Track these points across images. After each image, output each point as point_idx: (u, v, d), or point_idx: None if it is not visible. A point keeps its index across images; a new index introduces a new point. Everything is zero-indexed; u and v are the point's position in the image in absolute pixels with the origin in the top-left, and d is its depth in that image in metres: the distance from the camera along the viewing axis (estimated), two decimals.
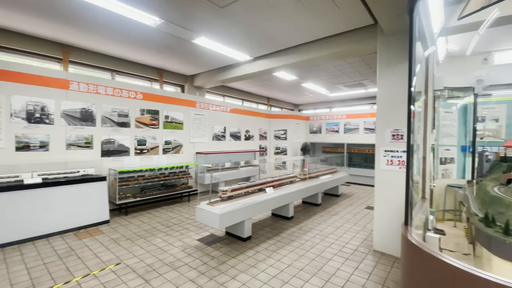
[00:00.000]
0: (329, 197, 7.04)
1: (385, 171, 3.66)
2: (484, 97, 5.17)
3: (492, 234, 1.96)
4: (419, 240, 1.98)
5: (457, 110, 5.56)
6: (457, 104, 5.49)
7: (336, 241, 4.05)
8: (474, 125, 5.11)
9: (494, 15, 2.69)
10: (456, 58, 5.40)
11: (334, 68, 7.11)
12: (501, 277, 1.40)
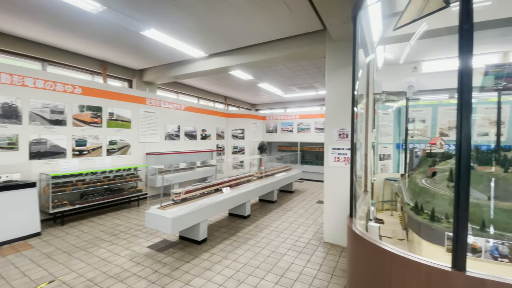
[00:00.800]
0: (284, 194, 7.29)
1: (333, 167, 3.92)
2: (414, 101, 5.94)
3: (421, 221, 2.25)
4: (362, 230, 2.16)
5: (392, 112, 6.28)
6: (392, 106, 6.20)
7: (290, 236, 4.20)
8: (406, 126, 5.85)
9: (423, 29, 3.08)
10: (392, 65, 6.09)
11: (288, 70, 7.37)
12: (427, 258, 1.61)
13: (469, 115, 1.49)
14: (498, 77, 4.29)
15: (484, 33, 4.28)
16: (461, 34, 1.54)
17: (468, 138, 1.48)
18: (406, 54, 5.08)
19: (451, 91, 6.48)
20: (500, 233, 1.96)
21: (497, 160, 2.89)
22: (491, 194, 2.49)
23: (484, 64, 4.63)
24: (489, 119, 5.34)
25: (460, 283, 1.45)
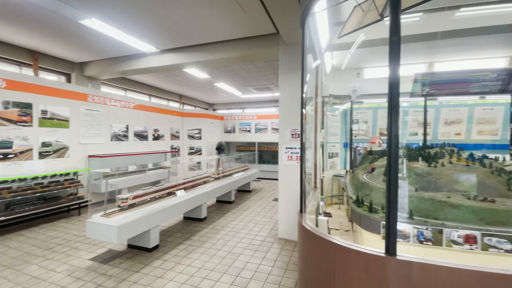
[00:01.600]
0: (242, 194, 7.33)
1: (286, 166, 4.08)
2: (358, 104, 6.53)
3: (361, 212, 2.47)
4: (311, 224, 2.28)
5: (339, 114, 6.81)
6: (339, 109, 6.72)
7: (246, 235, 4.23)
8: (351, 126, 6.41)
9: (361, 39, 3.40)
10: (339, 71, 6.59)
11: (244, 71, 7.43)
12: (365, 246, 1.77)
13: (397, 117, 1.69)
14: (424, 84, 4.96)
15: (413, 45, 4.92)
16: (391, 45, 1.74)
17: (396, 137, 1.68)
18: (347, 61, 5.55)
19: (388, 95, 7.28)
20: (425, 220, 2.27)
21: (423, 156, 3.35)
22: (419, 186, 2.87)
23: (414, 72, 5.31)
24: (418, 120, 6.15)
25: (392, 266, 1.64)
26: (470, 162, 2.85)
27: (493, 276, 1.47)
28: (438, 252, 2.07)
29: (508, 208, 2.11)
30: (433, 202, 2.34)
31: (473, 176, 2.68)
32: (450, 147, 3.36)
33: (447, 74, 5.28)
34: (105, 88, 8.13)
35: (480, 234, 1.97)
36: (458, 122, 6.43)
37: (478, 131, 6.26)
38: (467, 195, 2.36)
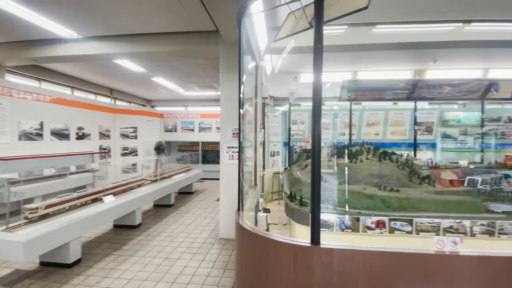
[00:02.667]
0: (184, 196, 7.03)
1: (228, 165, 4.07)
2: (296, 106, 6.98)
3: (293, 206, 2.63)
4: (247, 221, 2.31)
5: (280, 115, 7.17)
6: (279, 110, 7.07)
7: (185, 239, 4.07)
8: (289, 127, 6.82)
9: (292, 45, 3.62)
10: (278, 73, 6.92)
11: (185, 67, 7.13)
12: (293, 238, 1.89)
13: (320, 118, 1.84)
14: (350, 90, 5.58)
15: (341, 54, 5.51)
16: (315, 51, 1.89)
17: (319, 136, 1.83)
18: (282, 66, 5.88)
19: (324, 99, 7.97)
20: (345, 210, 2.56)
21: (347, 154, 3.76)
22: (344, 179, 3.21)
23: (342, 79, 5.92)
24: (344, 122, 6.90)
25: (317, 254, 1.78)
26: (382, 158, 3.34)
27: (396, 255, 1.75)
28: (357, 237, 2.36)
29: (408, 196, 2.55)
30: (352, 194, 2.65)
31: (383, 169, 3.14)
32: (368, 145, 3.88)
33: (368, 82, 6.09)
34: (12, 77, 6.73)
35: (387, 219, 2.32)
36: (377, 124, 7.48)
37: (392, 131, 7.41)
38: (378, 186, 2.76)
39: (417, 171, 2.99)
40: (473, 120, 6.96)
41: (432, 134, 7.12)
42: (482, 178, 2.85)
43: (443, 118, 7.15)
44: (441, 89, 5.87)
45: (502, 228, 2.20)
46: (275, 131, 7.21)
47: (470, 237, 2.21)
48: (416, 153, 6.42)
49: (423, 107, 7.35)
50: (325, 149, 4.49)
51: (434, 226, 2.22)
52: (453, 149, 7.02)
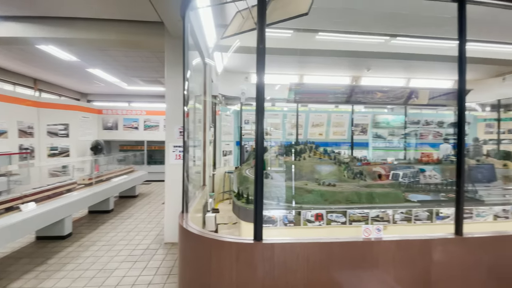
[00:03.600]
0: (125, 200, 6.45)
1: (174, 165, 3.87)
2: (247, 105, 7.05)
3: (240, 205, 2.64)
4: (191, 223, 2.23)
5: (232, 114, 7.15)
6: (230, 109, 7.05)
7: (126, 247, 3.73)
8: (241, 126, 6.85)
9: (237, 44, 3.64)
10: (230, 72, 6.88)
11: (127, 59, 6.55)
12: (237, 237, 1.89)
13: (262, 117, 1.87)
14: (297, 92, 5.86)
15: (289, 58, 5.75)
16: (258, 51, 1.92)
17: (262, 135, 1.86)
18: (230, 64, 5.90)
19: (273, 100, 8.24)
20: (288, 205, 2.67)
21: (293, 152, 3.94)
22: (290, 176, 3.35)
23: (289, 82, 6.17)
24: (291, 123, 7.24)
25: (259, 250, 1.81)
26: (322, 155, 3.61)
27: (329, 244, 1.88)
28: (298, 231, 2.49)
29: (343, 190, 2.79)
30: (295, 190, 2.79)
31: (323, 166, 3.39)
32: (310, 144, 4.15)
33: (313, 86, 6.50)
34: None
35: (325, 212, 2.50)
36: (321, 125, 8.07)
37: (334, 132, 8.08)
38: (318, 182, 2.96)
39: (352, 167, 3.31)
40: (399, 122, 8.06)
41: (367, 134, 8.01)
42: (403, 172, 3.30)
43: (376, 121, 8.10)
44: (374, 95, 6.58)
45: (417, 215, 2.58)
46: (227, 130, 7.16)
47: (393, 224, 2.53)
48: (353, 151, 7.11)
49: (360, 110, 8.22)
50: (273, 148, 4.64)
51: (364, 216, 2.47)
52: (383, 147, 8.00)
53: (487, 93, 7.05)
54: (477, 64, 5.47)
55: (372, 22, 3.66)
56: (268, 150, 4.64)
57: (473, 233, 2.07)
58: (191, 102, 3.88)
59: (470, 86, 6.75)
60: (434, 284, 1.96)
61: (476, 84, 6.97)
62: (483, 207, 2.68)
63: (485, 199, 2.82)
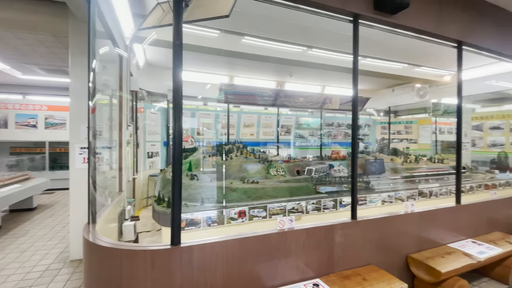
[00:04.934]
0: (18, 214, 5.24)
1: (81, 170, 3.36)
2: None
3: (159, 210, 2.49)
4: (99, 235, 1.97)
5: (159, 112, 6.67)
6: (156, 106, 6.58)
7: (17, 270, 3.03)
8: (168, 125, 6.47)
9: (153, 36, 3.45)
10: (157, 67, 6.40)
11: (21, 42, 5.33)
12: (153, 244, 1.77)
13: (180, 116, 1.81)
14: (227, 93, 5.90)
15: (218, 58, 5.74)
16: (174, 48, 1.84)
17: (180, 134, 1.80)
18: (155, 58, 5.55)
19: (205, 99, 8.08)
20: (212, 205, 2.67)
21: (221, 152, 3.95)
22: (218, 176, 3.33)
23: (220, 82, 6.16)
24: (222, 123, 7.27)
25: (176, 255, 1.74)
26: (249, 154, 3.75)
27: (247, 239, 1.96)
28: (221, 230, 2.51)
29: (264, 186, 2.96)
30: (220, 189, 2.81)
31: (249, 165, 3.52)
32: (238, 144, 4.26)
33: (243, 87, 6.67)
34: None
35: (247, 208, 2.60)
36: (252, 125, 8.38)
37: (263, 132, 8.51)
38: (243, 180, 3.06)
39: (274, 165, 3.54)
40: (317, 124, 9.09)
41: (291, 134, 8.74)
42: (315, 168, 3.72)
43: (299, 122, 8.93)
44: (297, 99, 7.20)
45: (325, 204, 2.95)
46: (153, 129, 6.64)
47: (306, 214, 2.82)
48: (278, 150, 7.64)
49: (287, 113, 8.91)
50: (202, 148, 4.56)
51: (281, 209, 2.68)
52: (304, 146, 8.88)
53: (381, 101, 8.65)
54: (373, 76, 6.66)
55: (288, 32, 3.99)
56: (197, 151, 4.53)
57: (365, 216, 2.50)
58: (106, 97, 3.45)
59: (369, 95, 8.13)
60: (336, 262, 2.29)
61: (373, 94, 8.46)
62: (374, 195, 3.26)
63: (375, 188, 3.46)
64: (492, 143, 7.79)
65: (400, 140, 9.11)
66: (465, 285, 2.44)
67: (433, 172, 4.20)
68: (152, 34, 3.32)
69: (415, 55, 4.98)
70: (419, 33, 2.89)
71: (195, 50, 4.75)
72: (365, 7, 2.44)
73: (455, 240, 2.97)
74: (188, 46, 4.55)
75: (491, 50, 3.41)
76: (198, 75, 6.94)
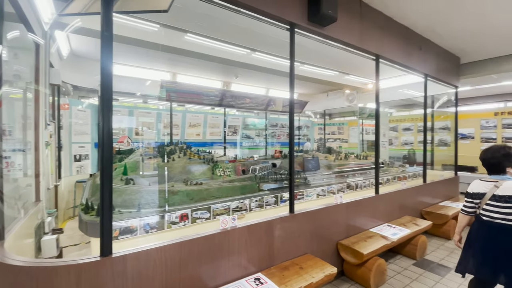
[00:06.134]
0: None
1: None
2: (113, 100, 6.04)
3: (87, 219, 2.22)
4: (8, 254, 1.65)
5: (89, 109, 5.91)
6: (86, 103, 5.83)
7: None
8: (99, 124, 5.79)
9: (77, 24, 3.11)
10: (87, 59, 5.67)
11: None
12: (76, 257, 1.57)
13: (110, 113, 1.66)
14: (170, 91, 5.61)
15: (159, 53, 5.41)
16: (102, 39, 1.68)
17: (109, 134, 1.65)
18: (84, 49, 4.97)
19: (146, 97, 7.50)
20: (151, 210, 2.51)
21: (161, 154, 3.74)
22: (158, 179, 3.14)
23: (161, 79, 5.82)
24: (165, 122, 6.90)
25: (107, 267, 1.59)
26: (193, 155, 3.65)
27: (189, 242, 1.92)
28: (162, 235, 2.38)
29: (208, 187, 2.93)
30: (160, 193, 2.67)
31: (193, 166, 3.44)
32: (182, 145, 4.10)
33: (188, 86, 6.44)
34: None
35: (190, 211, 2.53)
36: (198, 125, 8.15)
37: (210, 132, 8.38)
38: (186, 182, 2.97)
39: (219, 165, 3.54)
40: (262, 125, 9.42)
41: (238, 135, 8.83)
42: (259, 167, 3.86)
43: (245, 123, 9.09)
44: (244, 100, 7.30)
45: (267, 201, 3.08)
46: (81, 129, 5.85)
47: (249, 211, 2.90)
48: (226, 150, 7.64)
49: (234, 113, 8.96)
50: (139, 150, 4.23)
51: (226, 209, 2.70)
52: (251, 146, 9.08)
53: (318, 104, 9.46)
54: (311, 82, 7.24)
55: (233, 34, 4.04)
56: (134, 152, 4.19)
57: (301, 209, 2.71)
58: (18, 91, 2.93)
59: (307, 98, 8.79)
60: (276, 255, 2.43)
61: (311, 97, 9.19)
62: (310, 189, 3.55)
63: (312, 183, 3.77)
64: (405, 142, 9.32)
65: (334, 139, 10.12)
66: (382, 263, 2.86)
67: (359, 168, 4.80)
68: (75, 21, 2.94)
69: (345, 65, 5.62)
70: (346, 46, 3.28)
71: (133, 43, 4.40)
72: (300, 17, 2.65)
73: (375, 225, 3.47)
74: (123, 38, 4.19)
75: (400, 64, 4.09)
76: (137, 70, 6.43)
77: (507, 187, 1.90)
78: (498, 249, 1.92)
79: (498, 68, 5.76)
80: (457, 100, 5.97)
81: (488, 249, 1.97)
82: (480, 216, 2.04)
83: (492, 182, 1.98)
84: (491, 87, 8.55)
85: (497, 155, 2.04)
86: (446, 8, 3.66)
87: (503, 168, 2.03)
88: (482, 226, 2.03)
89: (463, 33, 4.55)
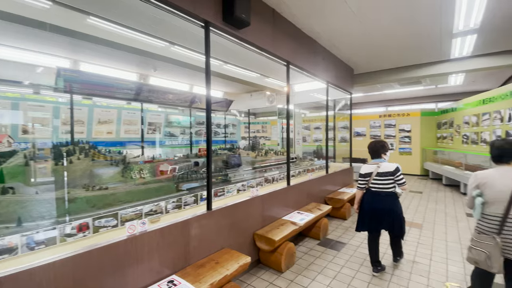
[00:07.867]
0: None
1: None
2: None
3: None
4: None
5: None
6: None
7: None
8: None
9: None
10: None
11: None
12: None
13: None
14: (70, 80, 4.76)
15: (55, 36, 4.50)
16: None
17: None
18: None
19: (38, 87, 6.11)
20: (39, 223, 2.11)
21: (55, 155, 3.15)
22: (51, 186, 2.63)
23: (56, 65, 4.89)
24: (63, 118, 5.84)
25: None
26: (98, 156, 3.22)
27: (87, 254, 1.71)
28: (54, 250, 2.03)
29: (115, 192, 2.66)
30: (51, 202, 2.26)
31: (100, 169, 3.04)
32: (83, 144, 3.55)
33: (96, 77, 5.61)
34: None
35: (91, 219, 2.24)
36: (110, 122, 7.18)
37: (125, 130, 7.51)
38: (86, 187, 2.60)
39: (131, 167, 3.24)
40: (188, 122, 9.08)
41: (160, 133, 8.26)
42: (179, 166, 3.73)
43: (169, 120, 8.56)
44: (165, 95, 6.87)
45: (186, 201, 3.01)
46: None
47: (165, 214, 2.78)
48: (144, 150, 7.05)
49: (156, 109, 8.27)
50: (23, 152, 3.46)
51: (137, 214, 2.51)
52: (175, 145, 8.65)
53: (243, 104, 9.78)
54: (235, 82, 7.42)
55: (146, 23, 3.75)
56: (16, 155, 3.40)
57: (219, 206, 2.78)
58: None
59: (233, 98, 8.98)
60: (193, 254, 2.42)
61: (236, 97, 9.42)
62: (231, 185, 3.66)
63: (232, 179, 3.89)
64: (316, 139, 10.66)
65: (260, 137, 10.70)
66: (292, 246, 3.23)
67: (276, 162, 5.24)
68: None
69: (264, 67, 5.99)
70: (260, 50, 3.51)
71: (17, 21, 3.55)
72: (214, 17, 2.68)
73: (287, 213, 3.87)
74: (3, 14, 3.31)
75: (308, 71, 4.65)
76: (24, 53, 5.20)
77: (384, 166, 2.88)
78: (380, 208, 2.86)
79: (380, 79, 7.25)
80: (351, 104, 7.22)
81: (373, 209, 2.89)
82: (370, 189, 2.96)
83: (375, 164, 2.95)
84: (376, 94, 10.68)
85: (377, 145, 3.02)
86: (342, 27, 4.37)
87: (380, 154, 3.00)
88: (370, 194, 2.95)
89: (353, 50, 5.54)
